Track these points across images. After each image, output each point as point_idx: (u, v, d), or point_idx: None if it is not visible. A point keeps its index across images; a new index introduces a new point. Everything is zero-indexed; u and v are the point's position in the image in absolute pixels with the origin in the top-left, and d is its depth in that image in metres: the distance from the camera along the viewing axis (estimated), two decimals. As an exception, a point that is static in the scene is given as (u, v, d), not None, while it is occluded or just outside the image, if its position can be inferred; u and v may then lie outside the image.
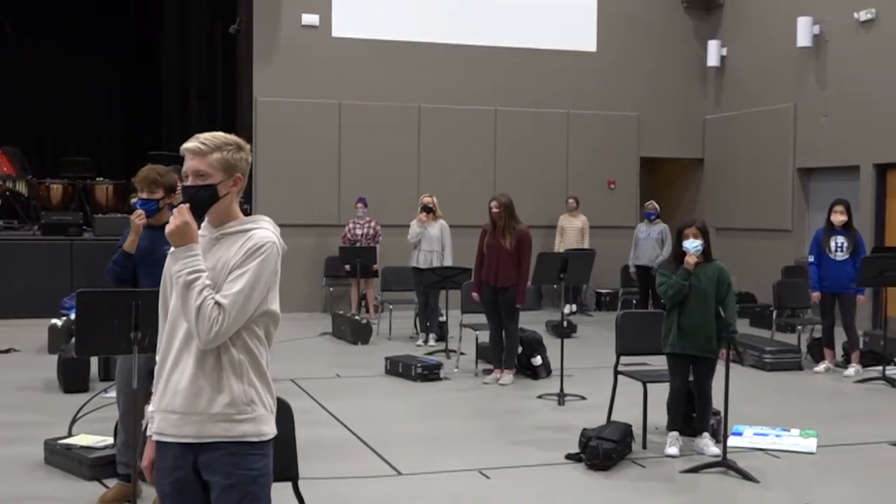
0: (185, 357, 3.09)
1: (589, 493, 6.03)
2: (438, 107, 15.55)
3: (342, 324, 12.17)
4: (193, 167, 3.13)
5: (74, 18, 18.52)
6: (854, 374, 9.86)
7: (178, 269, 3.05)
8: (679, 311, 6.69)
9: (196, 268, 3.04)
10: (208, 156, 3.13)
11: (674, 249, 6.92)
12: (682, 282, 6.63)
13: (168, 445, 3.13)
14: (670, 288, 6.67)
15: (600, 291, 15.82)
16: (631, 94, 16.49)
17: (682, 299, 6.66)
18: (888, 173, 13.56)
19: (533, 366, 9.68)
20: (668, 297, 6.70)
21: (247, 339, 3.11)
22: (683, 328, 6.67)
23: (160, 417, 3.14)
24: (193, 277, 3.02)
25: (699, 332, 6.63)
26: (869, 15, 13.51)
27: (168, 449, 3.13)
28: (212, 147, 3.14)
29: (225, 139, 3.18)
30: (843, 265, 9.94)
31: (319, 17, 15.13)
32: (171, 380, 3.11)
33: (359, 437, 7.22)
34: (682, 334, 6.68)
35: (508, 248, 9.28)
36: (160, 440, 3.15)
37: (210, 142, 3.15)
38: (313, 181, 14.83)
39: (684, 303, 6.67)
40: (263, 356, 3.16)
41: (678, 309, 6.69)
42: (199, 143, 3.14)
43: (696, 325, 6.64)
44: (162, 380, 3.15)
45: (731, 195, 16.27)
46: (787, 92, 15.05)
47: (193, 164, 3.14)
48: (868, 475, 6.44)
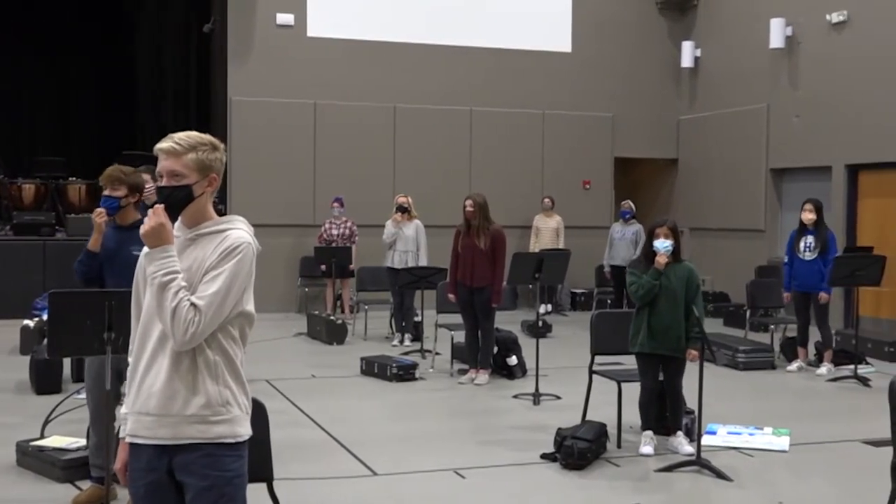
0: (160, 359, 3.07)
1: (564, 492, 6.04)
2: (414, 107, 15.55)
3: (317, 324, 12.14)
4: (168, 167, 3.12)
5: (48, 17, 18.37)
6: (826, 373, 9.94)
7: (153, 271, 3.03)
8: (649, 310, 6.72)
9: (171, 269, 3.02)
10: (183, 156, 3.11)
11: (644, 249, 6.95)
12: (652, 281, 6.66)
13: (142, 447, 3.11)
14: (641, 287, 6.69)
15: (575, 291, 15.87)
16: (606, 95, 16.55)
17: (652, 299, 6.69)
18: (860, 174, 13.69)
19: (508, 365, 9.70)
20: (639, 297, 6.73)
21: (222, 341, 3.09)
22: (653, 328, 6.70)
23: (134, 419, 3.12)
24: (169, 279, 3.00)
25: (668, 332, 6.66)
26: (841, 17, 13.63)
27: (142, 451, 3.11)
28: (186, 147, 3.12)
29: (199, 139, 3.16)
30: (812, 265, 10.02)
31: (294, 16, 15.09)
32: (145, 382, 3.09)
33: (334, 437, 7.21)
34: (651, 334, 6.71)
35: (483, 248, 9.29)
36: (134, 442, 3.13)
37: (184, 142, 3.13)
38: (289, 181, 14.78)
39: (654, 303, 6.70)
40: (238, 357, 3.15)
41: (648, 309, 6.73)
42: (174, 144, 3.12)
43: (665, 325, 6.67)
44: (135, 382, 3.13)
45: (704, 195, 16.37)
46: (760, 93, 15.16)
47: (168, 164, 3.12)
48: (840, 473, 6.50)
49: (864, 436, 7.27)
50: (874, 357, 10.72)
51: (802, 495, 6.02)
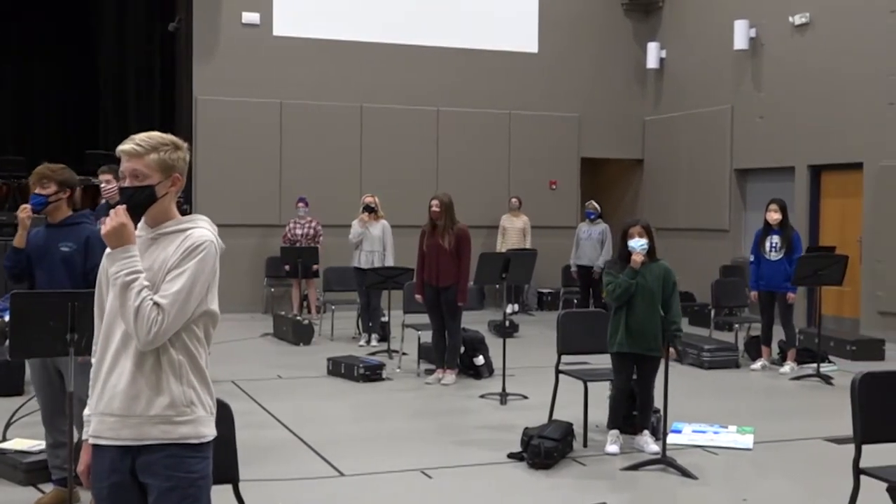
0: (123, 359, 3.05)
1: (531, 491, 6.06)
2: (380, 107, 15.52)
3: (283, 324, 12.09)
4: (130, 168, 3.10)
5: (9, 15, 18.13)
6: (790, 372, 10.04)
7: (115, 271, 3.01)
8: (626, 310, 6.75)
9: (134, 269, 3.00)
10: (145, 157, 3.10)
11: (619, 249, 6.95)
12: (629, 281, 6.68)
13: (105, 449, 3.08)
14: (618, 287, 6.71)
15: (542, 291, 15.93)
16: (572, 95, 16.62)
17: (628, 298, 6.72)
18: (822, 174, 13.85)
19: (475, 365, 9.71)
20: (616, 297, 6.75)
21: (186, 340, 3.08)
22: (630, 327, 6.72)
23: (97, 421, 3.09)
24: (131, 279, 2.98)
25: (645, 331, 6.69)
26: (803, 19, 13.78)
27: (105, 452, 3.08)
28: (148, 148, 3.11)
29: (161, 139, 3.15)
30: (778, 265, 10.12)
31: (260, 15, 15.02)
32: (109, 382, 3.07)
33: (300, 438, 7.18)
34: (629, 333, 6.73)
35: (448, 247, 9.29)
36: (97, 443, 3.10)
37: (146, 143, 3.12)
38: (254, 181, 14.70)
39: (631, 302, 6.72)
40: (203, 357, 3.13)
41: (625, 308, 6.75)
42: (135, 145, 3.11)
43: (642, 325, 6.69)
44: (99, 382, 3.11)
45: (669, 195, 16.48)
46: (725, 94, 15.29)
47: (130, 165, 3.10)
48: (803, 470, 6.56)
49: (826, 433, 7.34)
50: (836, 355, 10.83)
51: (766, 493, 6.08)
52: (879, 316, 12.43)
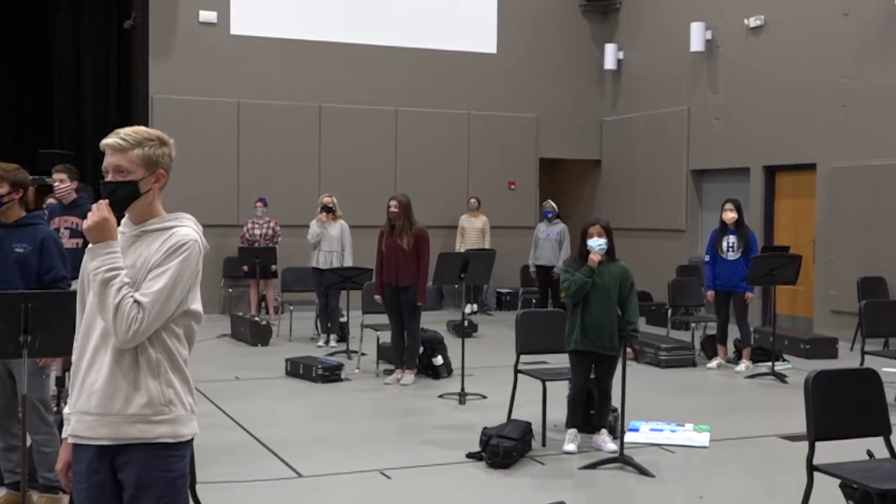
0: (101, 356, 3.02)
1: (489, 491, 6.07)
2: (339, 107, 15.48)
3: (241, 325, 12.02)
4: (113, 163, 3.07)
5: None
6: (745, 370, 10.15)
7: (95, 266, 2.97)
8: (582, 309, 6.79)
9: (114, 265, 2.96)
10: (129, 152, 3.06)
11: (578, 248, 6.99)
12: (585, 279, 6.73)
13: (84, 448, 3.05)
14: (574, 284, 6.75)
15: (501, 291, 15.97)
16: (530, 96, 16.68)
17: (585, 297, 6.76)
18: (777, 175, 14.02)
19: (434, 365, 9.71)
20: (572, 294, 6.79)
21: (166, 339, 3.05)
22: (586, 326, 6.77)
23: (76, 419, 3.06)
24: (111, 275, 2.95)
25: (601, 330, 6.74)
26: (758, 21, 13.94)
27: (84, 452, 3.05)
28: (132, 143, 3.07)
29: (147, 134, 3.12)
30: (735, 264, 10.23)
31: (217, 13, 14.90)
32: (87, 380, 3.04)
33: (258, 439, 7.14)
34: (585, 332, 6.77)
35: (406, 248, 9.28)
36: (76, 443, 3.07)
37: (130, 137, 3.08)
38: (211, 181, 14.59)
39: (587, 301, 6.76)
40: (183, 356, 3.11)
41: (581, 307, 6.79)
42: (119, 139, 3.07)
43: (598, 323, 6.74)
44: (78, 380, 3.08)
45: (627, 196, 16.60)
46: (681, 95, 15.43)
47: (113, 160, 3.07)
48: (759, 467, 6.64)
49: (781, 431, 7.44)
50: (791, 354, 10.98)
51: (722, 490, 6.14)
52: (832, 315, 12.61)
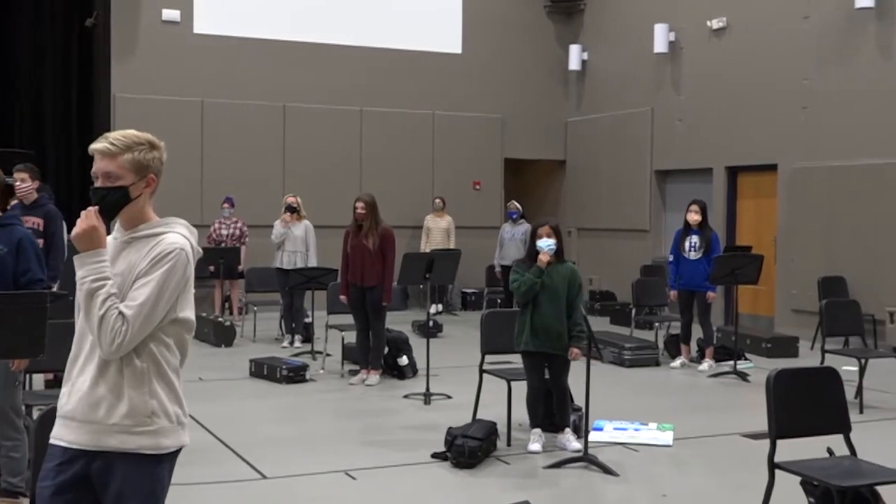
0: (90, 363, 2.99)
1: (455, 491, 6.08)
2: (303, 106, 15.42)
3: (205, 326, 11.93)
4: (102, 169, 3.02)
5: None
6: (708, 369, 10.24)
7: (82, 275, 2.92)
8: (532, 309, 6.82)
9: (101, 275, 2.92)
10: (118, 157, 3.01)
11: (528, 248, 7.05)
12: (534, 279, 6.76)
13: (60, 448, 3.02)
14: (523, 284, 6.79)
15: (466, 291, 15.99)
16: (495, 96, 16.72)
17: (534, 298, 6.79)
18: (739, 175, 14.16)
19: (399, 366, 9.70)
20: (521, 294, 6.82)
21: (153, 348, 3.00)
22: (535, 326, 6.80)
23: (61, 423, 3.03)
24: (98, 285, 2.90)
25: (550, 331, 6.77)
26: (721, 23, 14.07)
27: (59, 452, 3.02)
28: (122, 147, 3.03)
29: (136, 138, 3.07)
30: (698, 264, 10.31)
31: (181, 12, 14.80)
32: (76, 385, 3.02)
33: (222, 441, 7.10)
34: (534, 333, 6.80)
35: (372, 248, 9.27)
36: (56, 444, 3.04)
37: (120, 142, 3.03)
38: (174, 181, 14.37)
39: (536, 301, 6.79)
40: (172, 365, 3.06)
41: (531, 307, 6.82)
42: (108, 144, 3.02)
43: (547, 324, 6.77)
44: (68, 384, 3.05)
45: (591, 196, 16.68)
46: (645, 96, 15.53)
47: (102, 165, 3.02)
48: (721, 465, 6.70)
49: (743, 429, 7.51)
50: (752, 353, 11.08)
51: (685, 488, 6.19)
52: (793, 314, 12.75)
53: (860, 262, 11.75)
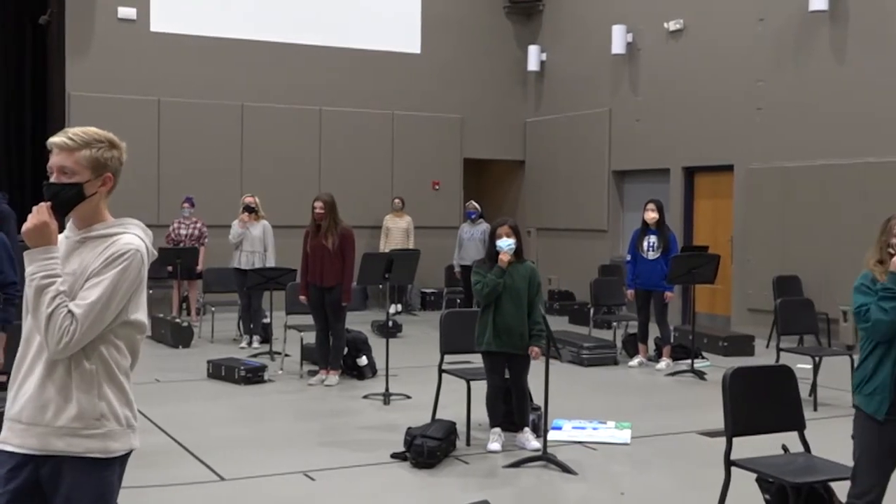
0: (38, 365, 2.94)
1: (414, 491, 6.08)
2: (262, 106, 15.34)
3: (162, 327, 11.83)
4: (58, 163, 2.97)
5: None
6: (665, 368, 10.32)
7: (32, 272, 2.87)
8: (493, 309, 6.84)
9: (51, 272, 2.86)
10: (75, 152, 2.96)
11: (488, 249, 7.06)
12: (496, 279, 6.78)
13: (9, 455, 2.97)
14: (485, 286, 6.80)
15: (425, 291, 15.99)
16: (454, 97, 16.74)
17: (495, 297, 6.81)
18: (696, 176, 14.29)
19: (358, 366, 9.69)
20: (483, 295, 6.84)
21: (103, 350, 2.95)
22: (498, 326, 6.82)
23: (7, 426, 2.98)
24: (47, 282, 2.85)
25: (512, 330, 6.80)
26: (677, 25, 14.19)
27: (8, 458, 2.97)
28: (80, 143, 2.98)
29: (96, 135, 3.02)
30: (655, 264, 10.39)
31: (137, 10, 14.65)
32: (23, 388, 2.96)
33: (180, 443, 7.04)
34: (496, 332, 6.82)
35: (332, 248, 9.25)
36: (3, 449, 2.99)
37: (78, 137, 2.98)
38: (131, 180, 14.14)
39: (498, 301, 6.81)
40: (122, 367, 3.01)
41: (492, 308, 6.84)
42: (67, 139, 2.97)
43: (509, 324, 6.80)
44: (14, 386, 2.99)
45: (550, 196, 16.75)
46: (603, 97, 15.63)
47: (58, 159, 2.97)
48: (678, 463, 6.76)
49: (699, 427, 7.58)
50: (709, 351, 11.20)
51: (643, 486, 6.24)
52: (749, 313, 12.89)
53: (814, 262, 11.91)
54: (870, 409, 4.23)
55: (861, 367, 4.31)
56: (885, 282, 4.18)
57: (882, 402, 4.19)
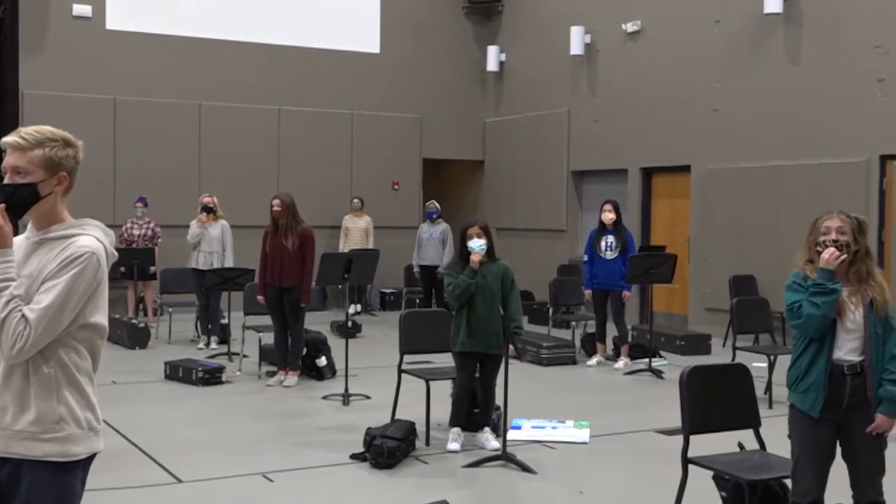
0: None
1: (374, 491, 6.07)
2: (220, 104, 15.23)
3: (118, 328, 11.70)
4: (11, 163, 2.93)
5: None
6: (623, 367, 10.40)
7: None
8: (467, 310, 6.84)
9: (6, 275, 2.83)
10: (29, 152, 2.92)
11: (459, 250, 7.06)
12: (468, 280, 6.78)
13: None
14: (458, 287, 6.80)
15: (385, 291, 15.96)
16: (414, 97, 16.73)
17: (469, 298, 6.81)
18: (653, 176, 14.41)
19: (317, 367, 9.65)
20: (456, 297, 6.84)
21: (62, 354, 2.91)
22: (472, 326, 6.82)
23: None
24: (1, 286, 2.81)
25: (487, 330, 6.81)
26: (635, 27, 14.29)
27: None
28: (33, 143, 2.93)
29: (50, 134, 2.98)
30: (613, 263, 10.46)
31: (92, 7, 14.48)
32: None
33: (136, 445, 6.97)
34: (471, 333, 6.83)
35: (291, 248, 9.20)
36: None
37: (32, 137, 2.94)
38: (86, 179, 13.88)
39: (472, 301, 6.82)
40: (82, 370, 2.98)
41: (466, 308, 6.84)
42: (19, 138, 2.93)
43: (483, 323, 6.81)
44: None
45: (509, 196, 16.80)
46: (562, 98, 15.70)
47: (12, 159, 2.93)
48: (636, 461, 6.81)
49: (657, 426, 7.64)
50: (667, 350, 11.29)
51: (602, 484, 6.28)
52: (706, 312, 13.02)
53: (769, 261, 12.05)
54: (805, 406, 4.29)
55: (795, 365, 4.38)
56: (815, 278, 4.26)
57: (817, 399, 4.25)
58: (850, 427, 4.28)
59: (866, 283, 4.29)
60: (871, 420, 4.24)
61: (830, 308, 4.20)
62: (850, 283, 4.29)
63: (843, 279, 4.28)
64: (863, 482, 4.31)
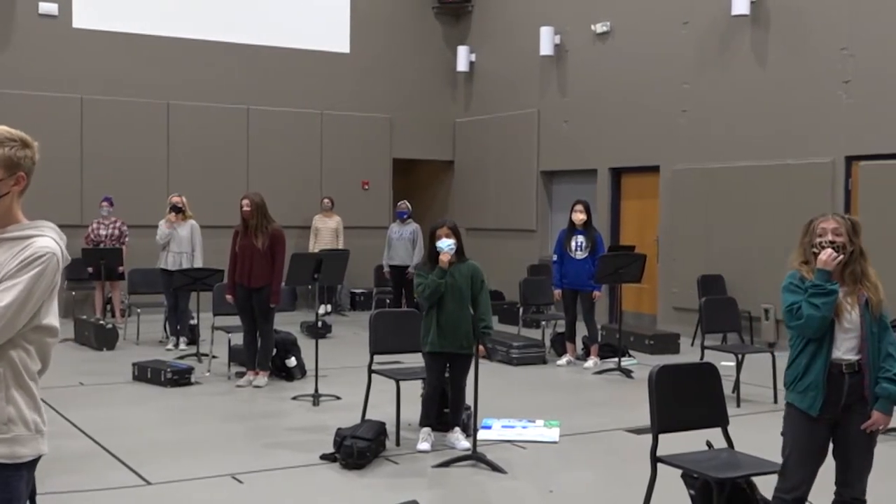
0: None
1: (344, 492, 6.06)
2: (188, 104, 15.14)
3: (86, 329, 11.60)
4: None
5: None
6: (593, 366, 10.44)
7: None
8: (437, 310, 6.84)
9: None
10: None
11: (428, 250, 7.06)
12: (437, 280, 6.79)
13: None
14: (427, 287, 6.80)
15: (355, 291, 15.94)
16: (383, 97, 16.72)
17: (439, 298, 6.81)
18: (622, 176, 14.48)
19: (287, 367, 9.61)
20: (426, 297, 6.84)
21: (13, 354, 2.88)
22: (442, 327, 6.82)
23: None
24: None
25: (457, 330, 6.81)
26: (604, 28, 14.36)
27: None
28: None
29: (8, 134, 2.96)
30: (583, 263, 10.50)
31: (59, 5, 14.35)
32: None
33: (104, 447, 6.91)
34: (441, 333, 6.83)
35: (261, 248, 9.16)
36: None
37: None
38: (53, 179, 13.98)
39: (441, 302, 6.82)
40: (31, 372, 2.95)
41: (436, 308, 6.84)
42: None
43: (454, 323, 6.81)
44: None
45: (479, 196, 16.83)
46: (532, 98, 15.75)
47: None
48: (606, 460, 6.85)
49: (627, 425, 7.68)
50: (636, 349, 11.35)
51: (572, 483, 6.30)
52: (675, 311, 13.11)
53: (737, 261, 12.16)
54: (804, 405, 4.32)
55: (793, 366, 4.41)
56: (813, 279, 4.29)
57: (816, 399, 4.29)
58: (845, 425, 4.33)
59: (861, 284, 4.33)
60: (867, 417, 4.29)
61: (829, 308, 4.23)
62: (845, 284, 4.33)
63: (839, 280, 4.31)
64: (852, 479, 4.37)
